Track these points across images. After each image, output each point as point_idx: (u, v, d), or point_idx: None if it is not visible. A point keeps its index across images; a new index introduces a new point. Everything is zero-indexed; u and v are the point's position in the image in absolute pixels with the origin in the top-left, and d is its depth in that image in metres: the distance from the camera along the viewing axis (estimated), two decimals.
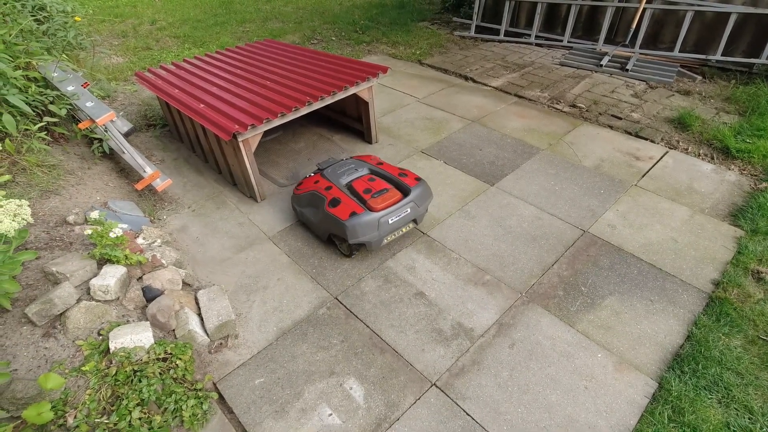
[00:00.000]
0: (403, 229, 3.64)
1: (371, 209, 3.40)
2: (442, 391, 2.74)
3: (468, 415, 2.61)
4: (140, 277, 3.16)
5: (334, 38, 8.84)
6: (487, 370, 2.85)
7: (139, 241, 3.51)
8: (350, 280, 3.51)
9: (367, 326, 3.15)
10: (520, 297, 3.34)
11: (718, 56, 6.63)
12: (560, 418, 2.59)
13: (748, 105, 5.64)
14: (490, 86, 6.73)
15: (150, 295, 3.05)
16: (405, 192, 3.59)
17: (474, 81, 6.94)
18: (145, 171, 4.20)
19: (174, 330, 2.96)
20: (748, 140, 4.97)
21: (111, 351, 2.54)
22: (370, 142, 5.31)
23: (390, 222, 3.43)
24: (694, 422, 2.51)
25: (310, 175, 4.01)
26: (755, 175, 4.59)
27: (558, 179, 4.60)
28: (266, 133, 5.15)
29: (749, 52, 6.48)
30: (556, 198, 4.33)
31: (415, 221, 3.69)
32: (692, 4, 6.49)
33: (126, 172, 4.67)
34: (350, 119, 5.47)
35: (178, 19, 9.88)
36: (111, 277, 2.85)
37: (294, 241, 3.93)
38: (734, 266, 3.50)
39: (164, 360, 2.67)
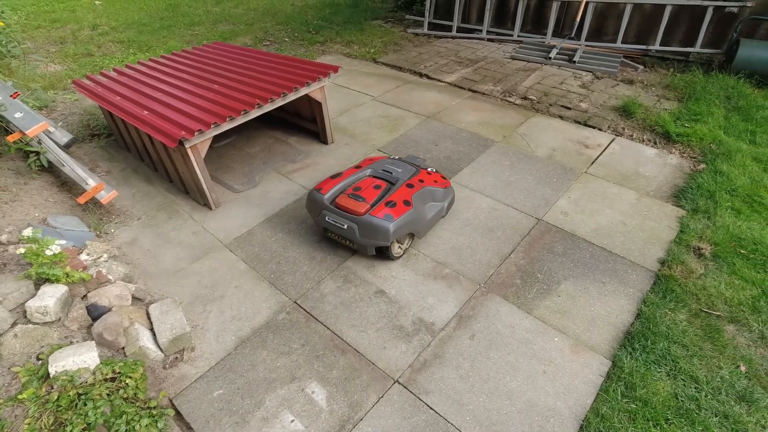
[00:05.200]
0: (346, 243, 3.57)
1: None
2: (405, 387, 2.74)
3: (431, 408, 2.62)
4: (85, 296, 3.00)
5: (287, 39, 8.70)
6: (448, 363, 2.87)
7: (83, 257, 3.32)
8: (309, 283, 3.46)
9: (328, 328, 3.11)
10: (479, 288, 3.38)
11: (657, 46, 6.97)
12: (521, 404, 2.64)
13: (686, 91, 5.95)
14: (444, 82, 6.80)
15: (96, 313, 2.89)
16: (363, 213, 3.37)
17: (429, 77, 6.99)
18: (87, 184, 3.99)
19: (123, 348, 2.82)
20: (686, 125, 5.24)
21: (51, 375, 2.39)
22: (326, 142, 5.26)
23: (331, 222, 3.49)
24: (645, 396, 2.62)
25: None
26: (694, 157, 4.84)
27: (513, 170, 4.70)
28: (219, 138, 4.99)
29: (685, 42, 6.85)
30: (511, 188, 4.42)
31: (351, 242, 3.50)
32: None
33: (68, 186, 4.41)
34: (305, 120, 5.40)
35: (121, 23, 9.46)
36: (50, 297, 2.69)
37: (251, 247, 3.83)
38: (677, 244, 3.68)
39: (112, 380, 2.54)
